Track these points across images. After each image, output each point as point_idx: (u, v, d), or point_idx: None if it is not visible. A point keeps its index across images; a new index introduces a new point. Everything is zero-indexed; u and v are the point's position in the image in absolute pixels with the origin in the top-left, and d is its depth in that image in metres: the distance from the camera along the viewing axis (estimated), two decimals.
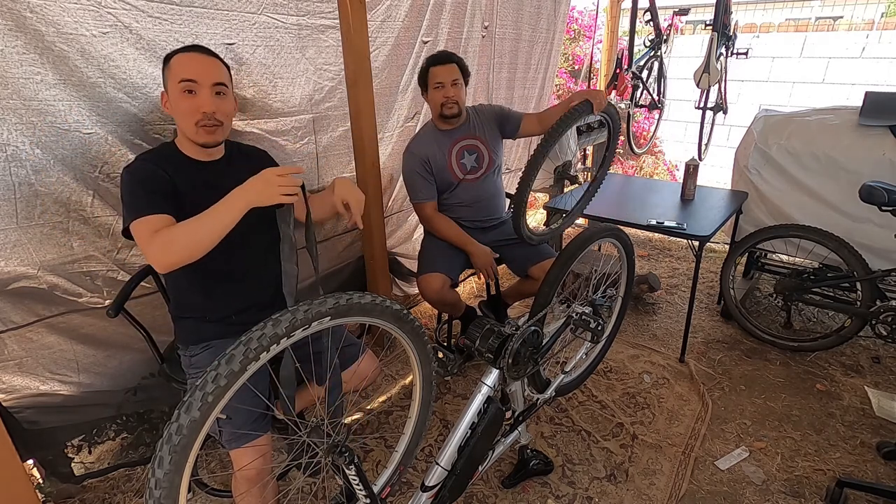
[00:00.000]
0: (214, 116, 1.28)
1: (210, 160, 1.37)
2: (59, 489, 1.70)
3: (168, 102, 1.30)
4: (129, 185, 1.24)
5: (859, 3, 6.66)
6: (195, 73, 1.26)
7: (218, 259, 1.35)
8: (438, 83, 1.99)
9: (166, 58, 1.28)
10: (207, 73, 1.27)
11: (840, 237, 2.25)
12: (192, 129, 1.28)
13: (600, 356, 1.97)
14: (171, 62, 1.27)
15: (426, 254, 2.17)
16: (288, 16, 1.79)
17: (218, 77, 1.29)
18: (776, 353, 2.46)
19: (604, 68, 4.16)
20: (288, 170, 1.11)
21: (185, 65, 1.26)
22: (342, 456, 1.11)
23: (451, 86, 1.99)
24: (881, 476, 1.78)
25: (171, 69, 1.26)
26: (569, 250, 1.55)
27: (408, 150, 2.12)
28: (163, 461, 0.81)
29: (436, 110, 2.05)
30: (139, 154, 1.34)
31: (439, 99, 2.00)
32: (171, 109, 1.30)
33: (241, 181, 1.17)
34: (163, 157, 1.32)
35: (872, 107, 2.42)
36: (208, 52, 1.31)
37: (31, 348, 1.50)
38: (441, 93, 1.99)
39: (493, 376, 1.33)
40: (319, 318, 0.93)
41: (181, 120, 1.29)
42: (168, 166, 1.29)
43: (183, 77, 1.25)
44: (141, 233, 1.18)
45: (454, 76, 1.99)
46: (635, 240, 3.78)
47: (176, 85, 1.25)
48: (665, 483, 1.77)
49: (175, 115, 1.31)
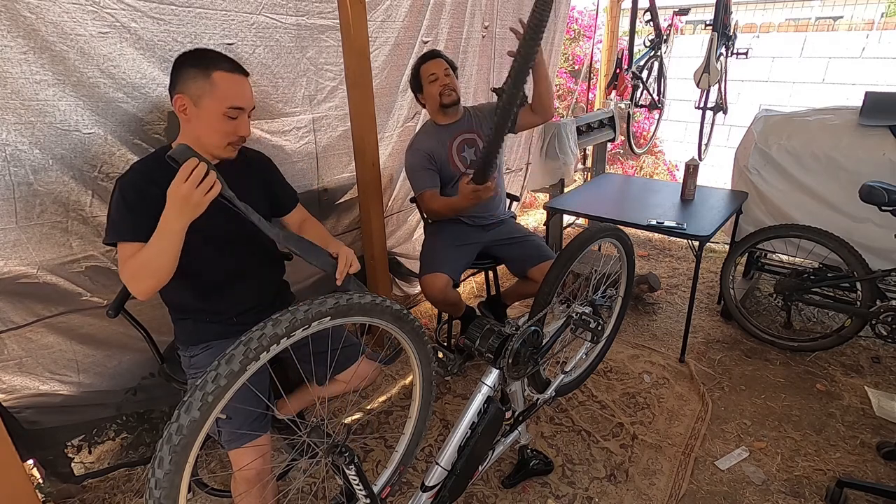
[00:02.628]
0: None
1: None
2: (59, 489, 1.70)
3: (189, 109, 1.23)
4: (118, 203, 1.22)
5: (859, 3, 6.66)
6: (245, 101, 1.26)
7: (214, 268, 1.35)
8: (432, 74, 2.04)
9: (198, 64, 1.21)
10: (251, 100, 1.28)
11: (840, 237, 2.25)
12: (221, 146, 1.27)
13: (600, 356, 1.97)
14: (216, 80, 1.21)
15: (428, 254, 2.17)
16: (287, 16, 1.79)
17: (254, 102, 1.30)
18: (776, 353, 2.46)
19: (604, 68, 4.16)
20: (185, 172, 1.07)
21: (234, 91, 1.24)
22: (342, 456, 1.11)
23: (445, 75, 2.04)
24: (881, 476, 1.78)
25: (217, 88, 1.21)
26: (569, 250, 1.55)
27: (410, 147, 2.14)
28: (163, 461, 0.81)
29: (434, 102, 2.07)
30: (135, 162, 1.31)
31: (436, 89, 2.04)
32: (194, 119, 1.24)
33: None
34: (159, 165, 1.26)
35: (872, 107, 2.42)
36: (246, 73, 1.28)
37: (30, 348, 1.50)
38: (437, 83, 2.04)
39: (493, 376, 1.33)
40: (319, 318, 0.93)
41: (212, 136, 1.25)
42: (163, 177, 1.21)
43: (234, 105, 1.23)
44: (121, 257, 1.22)
45: (444, 67, 2.05)
46: (635, 240, 3.78)
47: (222, 108, 1.22)
48: (665, 483, 1.77)
49: (201, 128, 1.25)
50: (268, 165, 1.53)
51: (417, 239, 2.79)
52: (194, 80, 1.21)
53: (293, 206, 1.55)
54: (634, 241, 2.84)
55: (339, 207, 2.30)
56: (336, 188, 2.24)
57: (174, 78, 1.23)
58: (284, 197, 1.54)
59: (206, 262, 1.34)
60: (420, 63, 2.08)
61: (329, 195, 2.21)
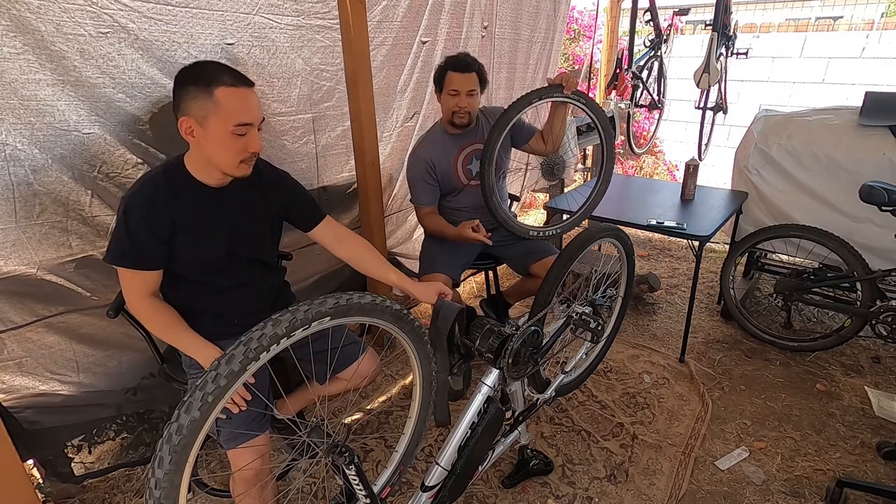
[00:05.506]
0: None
1: (221, 185, 1.30)
2: (59, 489, 1.70)
3: (196, 131, 1.17)
4: (121, 227, 1.18)
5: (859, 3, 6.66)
6: (251, 115, 1.20)
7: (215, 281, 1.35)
8: (454, 90, 1.92)
9: (198, 83, 1.15)
10: (258, 112, 1.22)
11: (840, 237, 2.25)
12: (234, 165, 1.22)
13: (600, 356, 1.97)
14: (219, 97, 1.14)
15: (427, 254, 2.16)
16: (283, 16, 1.79)
17: (261, 113, 1.24)
18: (776, 353, 2.46)
19: (604, 68, 4.16)
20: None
21: (239, 106, 1.17)
22: (342, 456, 1.11)
23: (467, 95, 1.92)
24: (881, 476, 1.78)
25: (221, 107, 1.15)
26: (569, 250, 1.55)
27: (413, 153, 2.08)
28: (163, 461, 0.80)
29: (447, 115, 2.00)
30: (144, 182, 1.23)
31: (452, 106, 1.95)
32: (202, 141, 1.19)
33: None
34: (169, 184, 1.23)
35: (872, 107, 2.42)
36: (250, 84, 1.21)
37: (30, 348, 1.50)
38: (455, 101, 1.93)
39: (493, 376, 1.33)
40: (319, 318, 0.93)
41: (223, 156, 1.20)
42: (171, 197, 1.22)
43: (240, 121, 1.17)
44: (122, 277, 1.23)
45: (471, 86, 1.92)
46: (635, 240, 3.78)
47: (228, 126, 1.16)
48: (665, 483, 1.77)
49: (211, 148, 1.19)
50: (283, 184, 1.45)
51: (417, 239, 2.79)
52: (196, 100, 1.15)
53: (320, 219, 1.49)
54: (634, 241, 2.84)
55: (340, 207, 2.29)
56: (336, 188, 2.24)
57: (176, 98, 1.18)
58: (307, 213, 1.48)
59: (207, 277, 1.34)
60: (450, 67, 1.93)
61: (329, 195, 2.21)
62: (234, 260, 1.35)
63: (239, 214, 1.33)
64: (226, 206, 1.31)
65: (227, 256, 1.33)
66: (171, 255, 1.25)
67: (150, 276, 1.24)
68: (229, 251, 1.32)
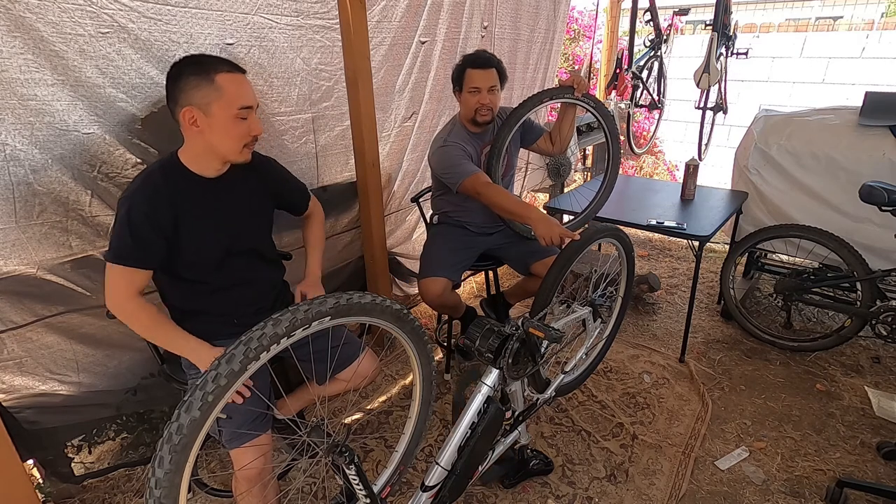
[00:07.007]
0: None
1: (217, 175, 1.32)
2: (59, 489, 1.70)
3: (200, 120, 1.19)
4: (121, 224, 1.18)
5: (859, 3, 6.67)
6: (251, 99, 1.24)
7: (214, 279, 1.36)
8: (475, 87, 1.90)
9: (198, 72, 1.17)
10: (255, 97, 1.27)
11: (840, 237, 2.25)
12: (237, 151, 1.26)
13: (600, 356, 1.97)
14: (221, 83, 1.17)
15: (428, 256, 2.15)
16: (282, 16, 1.79)
17: (257, 98, 1.29)
18: (776, 353, 2.46)
19: (604, 68, 4.16)
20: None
21: (240, 90, 1.21)
22: (342, 456, 1.11)
23: (488, 92, 1.90)
24: (881, 476, 1.78)
25: (223, 92, 1.18)
26: (568, 250, 1.55)
27: (444, 143, 1.98)
28: (163, 461, 0.81)
29: (468, 114, 1.97)
30: (142, 180, 1.24)
31: (474, 104, 1.92)
32: (206, 130, 1.21)
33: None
34: (167, 180, 1.24)
35: (872, 107, 2.42)
36: (243, 70, 1.25)
37: (30, 348, 1.50)
38: (476, 98, 1.91)
39: (493, 376, 1.33)
40: (319, 318, 0.93)
41: (227, 142, 1.24)
42: (171, 192, 1.23)
43: (243, 104, 1.21)
44: (112, 276, 1.20)
45: (492, 83, 1.90)
46: (635, 240, 3.78)
47: (232, 110, 1.20)
48: (665, 483, 1.77)
49: (215, 136, 1.22)
50: (272, 168, 1.51)
51: (417, 239, 2.79)
52: (198, 89, 1.16)
53: (308, 202, 1.60)
54: (634, 241, 2.84)
55: (339, 207, 2.29)
56: (336, 187, 2.24)
57: (174, 91, 1.18)
58: (296, 196, 1.57)
59: (206, 276, 1.34)
60: (469, 65, 1.91)
61: (329, 195, 2.21)
62: (233, 254, 1.35)
63: (236, 203, 1.35)
64: (223, 196, 1.32)
65: (226, 249, 1.34)
66: (171, 253, 1.25)
67: (143, 275, 1.24)
68: (229, 243, 1.33)
